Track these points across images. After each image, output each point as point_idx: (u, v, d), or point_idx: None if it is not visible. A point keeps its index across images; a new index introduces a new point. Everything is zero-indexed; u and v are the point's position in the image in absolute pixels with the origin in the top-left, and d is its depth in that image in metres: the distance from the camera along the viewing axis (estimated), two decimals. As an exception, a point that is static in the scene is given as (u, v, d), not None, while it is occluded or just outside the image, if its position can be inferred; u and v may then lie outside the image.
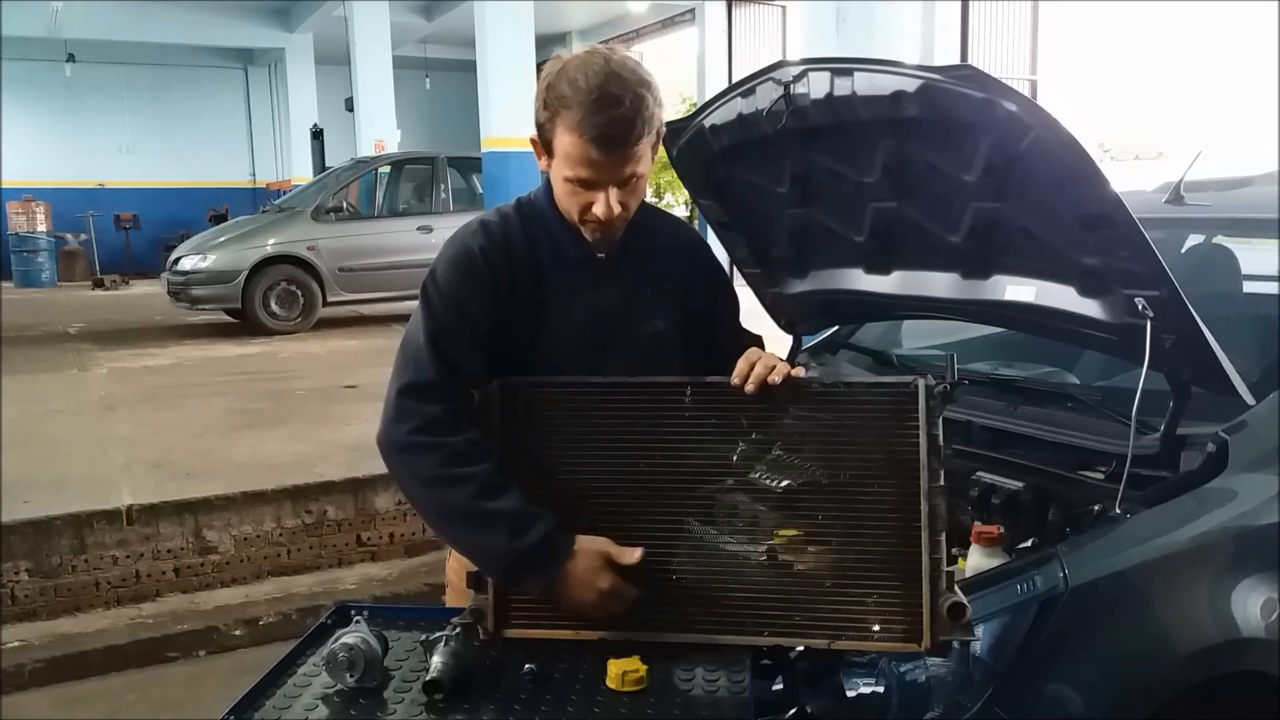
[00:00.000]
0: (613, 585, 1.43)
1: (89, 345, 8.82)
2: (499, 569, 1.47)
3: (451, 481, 1.47)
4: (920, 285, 2.04)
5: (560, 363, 1.61)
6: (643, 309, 1.68)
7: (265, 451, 4.86)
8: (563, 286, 1.63)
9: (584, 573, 1.43)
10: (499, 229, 1.62)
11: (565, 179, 1.53)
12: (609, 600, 1.44)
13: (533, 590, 1.45)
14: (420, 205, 10.41)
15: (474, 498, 1.45)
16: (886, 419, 1.45)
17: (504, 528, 1.43)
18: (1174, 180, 2.53)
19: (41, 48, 15.81)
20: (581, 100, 1.45)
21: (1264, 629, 1.67)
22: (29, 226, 15.53)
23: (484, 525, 1.45)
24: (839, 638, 1.41)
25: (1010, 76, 8.12)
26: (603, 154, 1.47)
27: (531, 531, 1.43)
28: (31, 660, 3.46)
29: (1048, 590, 1.56)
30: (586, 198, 1.53)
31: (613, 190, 1.52)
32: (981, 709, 1.52)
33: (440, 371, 1.52)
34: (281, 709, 1.30)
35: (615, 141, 1.47)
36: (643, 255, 1.69)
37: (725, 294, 1.82)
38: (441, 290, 1.58)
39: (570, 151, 1.49)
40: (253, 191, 19.29)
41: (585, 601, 1.44)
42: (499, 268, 1.59)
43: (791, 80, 1.77)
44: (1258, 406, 1.77)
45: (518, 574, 1.45)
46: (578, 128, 1.46)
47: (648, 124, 1.49)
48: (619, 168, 1.50)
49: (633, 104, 1.46)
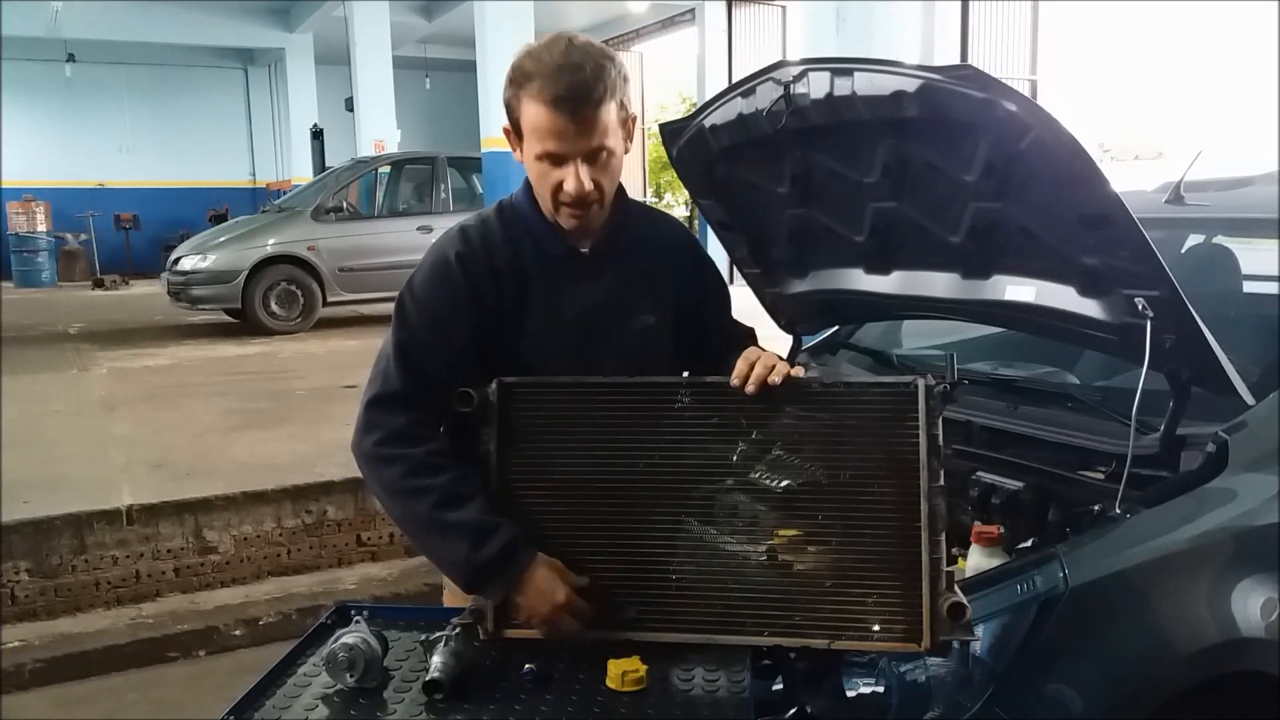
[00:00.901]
0: (569, 598, 1.44)
1: (89, 345, 8.82)
2: (461, 579, 1.49)
3: (414, 493, 1.49)
4: (920, 285, 2.04)
5: (550, 360, 1.61)
6: (630, 304, 1.68)
7: (265, 451, 4.86)
8: (548, 285, 1.63)
9: (542, 582, 1.44)
10: (477, 234, 1.64)
11: (536, 157, 1.54)
12: (564, 614, 1.44)
13: (495, 598, 1.46)
14: (420, 205, 10.42)
15: (435, 509, 1.47)
16: (886, 419, 1.45)
17: (464, 539, 1.44)
18: (1174, 180, 2.53)
19: (41, 48, 15.82)
20: (543, 70, 1.48)
21: (1264, 629, 1.67)
22: (29, 226, 15.54)
23: (445, 535, 1.47)
24: (839, 638, 1.41)
25: (1010, 76, 8.12)
26: (567, 118, 1.48)
27: (491, 542, 1.44)
28: (31, 660, 3.46)
29: (1048, 590, 1.56)
30: (557, 176, 1.54)
31: (582, 165, 1.52)
32: (981, 709, 1.52)
33: (406, 383, 1.54)
34: (281, 709, 1.30)
35: (577, 102, 1.47)
36: (628, 250, 1.69)
37: (714, 287, 1.82)
38: (417, 300, 1.60)
39: (536, 123, 1.50)
40: (253, 191, 19.30)
41: (541, 613, 1.44)
42: (478, 272, 1.60)
43: (791, 80, 1.77)
44: (1258, 406, 1.77)
45: (479, 583, 1.46)
46: (540, 95, 1.48)
47: (610, 89, 1.50)
48: (585, 137, 1.50)
49: (594, 71, 1.48)
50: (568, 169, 1.52)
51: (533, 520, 1.50)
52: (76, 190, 17.35)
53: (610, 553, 1.49)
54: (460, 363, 1.58)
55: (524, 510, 1.50)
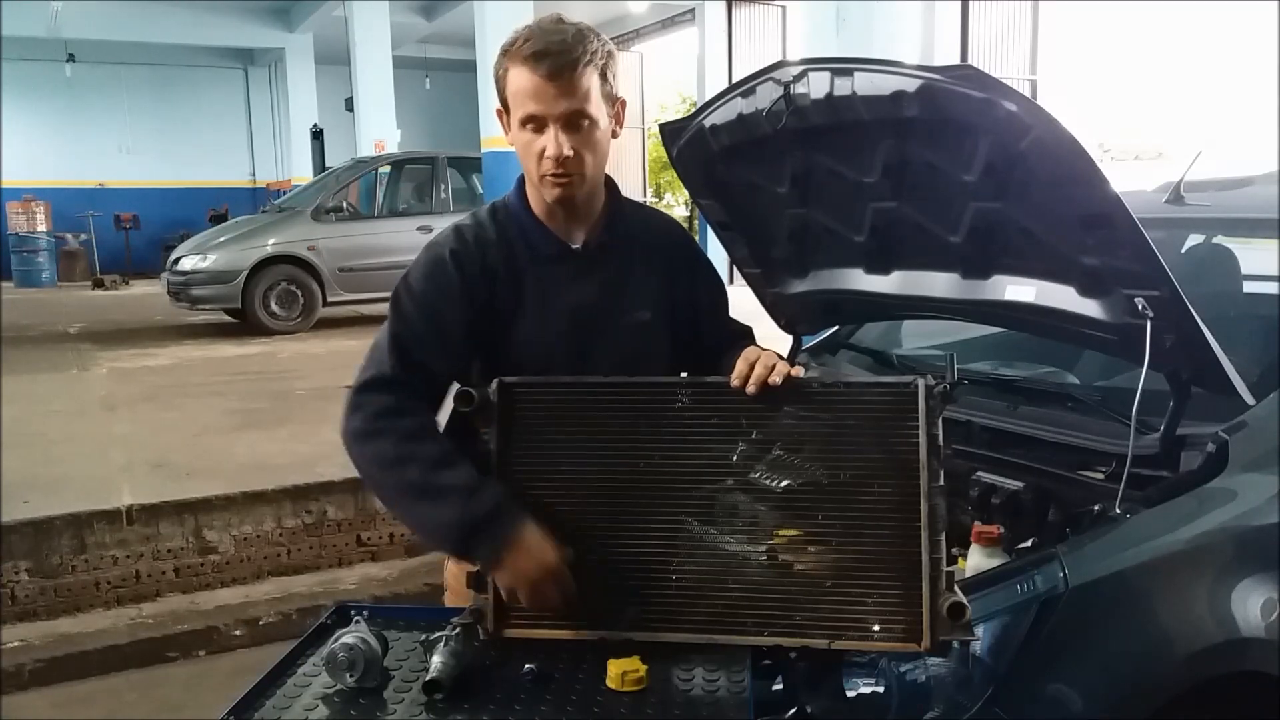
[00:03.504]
0: (557, 563, 1.43)
1: (89, 345, 8.83)
2: (452, 538, 1.47)
3: (404, 459, 1.49)
4: (920, 285, 2.04)
5: (545, 357, 1.63)
6: (624, 300, 1.69)
7: (265, 451, 4.86)
8: (541, 283, 1.65)
9: (533, 541, 1.43)
10: (472, 232, 1.66)
11: (520, 124, 1.56)
12: (550, 581, 1.43)
13: (483, 561, 1.45)
14: (420, 205, 10.42)
15: (427, 472, 1.47)
16: (886, 419, 1.45)
17: (458, 497, 1.44)
18: (1174, 180, 2.53)
19: (41, 48, 15.83)
20: (527, 34, 1.54)
21: (1264, 629, 1.67)
22: (29, 226, 15.54)
23: (439, 498, 1.46)
24: (839, 638, 1.41)
25: (1010, 76, 8.12)
26: (544, 77, 1.51)
27: (484, 498, 1.44)
28: (31, 660, 3.46)
29: (1048, 590, 1.56)
30: (539, 143, 1.55)
31: (561, 131, 1.53)
32: (981, 709, 1.52)
33: (397, 368, 1.55)
34: (281, 709, 1.30)
35: (555, 57, 1.50)
36: (620, 247, 1.70)
37: (710, 284, 1.83)
38: (413, 294, 1.61)
39: (518, 86, 1.54)
40: (253, 191, 19.31)
41: (529, 575, 1.42)
42: (471, 270, 1.62)
43: (791, 80, 1.77)
44: (1257, 406, 1.77)
45: (470, 542, 1.44)
46: (519, 54, 1.52)
47: (590, 54, 1.53)
48: (564, 97, 1.52)
49: (575, 36, 1.53)
50: (548, 134, 1.54)
51: (532, 519, 1.50)
52: (76, 190, 17.35)
53: (610, 552, 1.49)
54: (453, 356, 1.59)
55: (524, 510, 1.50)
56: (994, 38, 8.44)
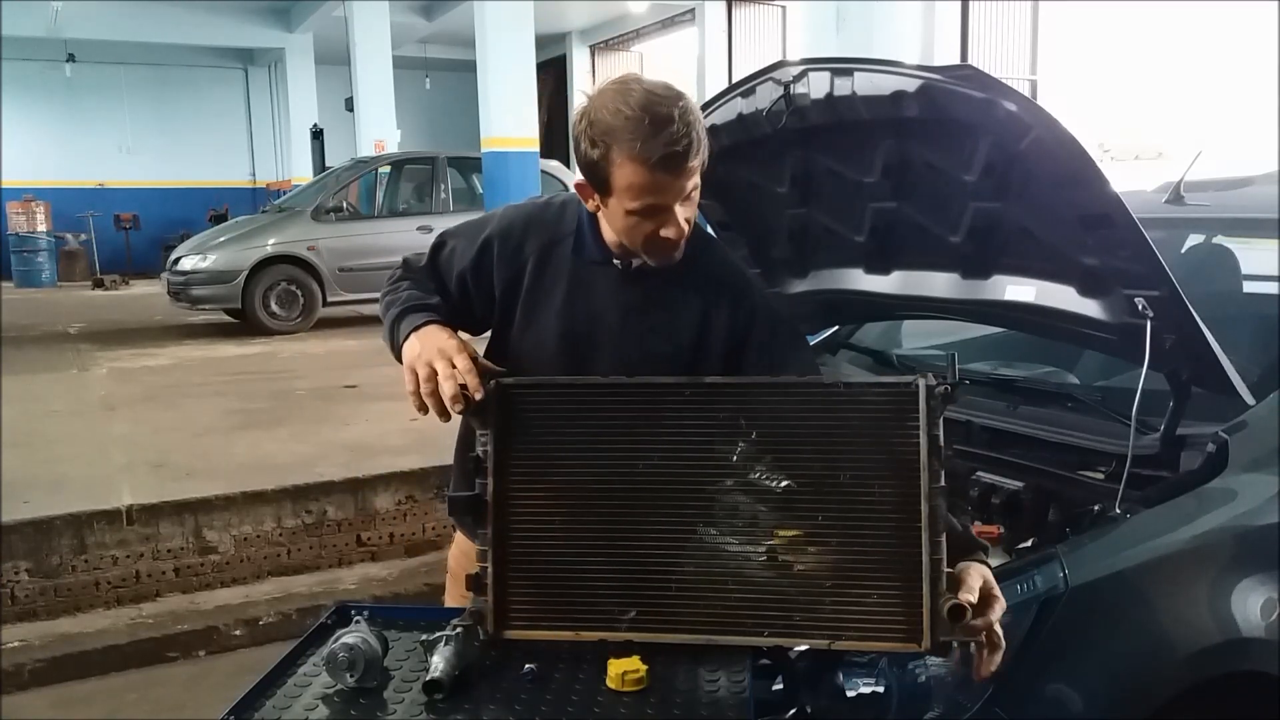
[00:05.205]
0: (461, 354, 1.49)
1: (89, 345, 8.82)
2: (390, 331, 1.61)
3: (392, 292, 1.67)
4: (920, 285, 2.04)
5: (542, 355, 1.65)
6: (647, 329, 1.65)
7: (265, 451, 4.86)
8: (568, 282, 1.65)
9: (436, 334, 1.54)
10: (525, 212, 1.72)
11: (628, 212, 1.51)
12: (447, 360, 1.48)
13: (399, 342, 1.57)
14: (420, 205, 10.42)
15: (394, 296, 1.65)
16: (887, 419, 1.45)
17: (400, 305, 1.62)
18: (1174, 180, 2.53)
19: (41, 48, 15.82)
20: (634, 127, 1.43)
21: (1264, 629, 1.67)
22: (29, 226, 15.53)
23: (392, 307, 1.63)
24: (839, 638, 1.41)
25: (1010, 76, 8.12)
26: (669, 175, 1.46)
27: (416, 306, 1.60)
28: (31, 660, 3.46)
29: (1048, 590, 1.56)
30: (653, 224, 1.52)
31: (678, 208, 1.51)
32: (981, 709, 1.52)
33: (429, 268, 1.71)
34: (281, 709, 1.30)
35: (680, 158, 1.45)
36: (668, 273, 1.64)
37: (761, 342, 1.67)
38: (466, 229, 1.73)
39: (634, 181, 1.47)
40: (253, 191, 19.30)
41: (425, 358, 1.49)
42: (510, 245, 1.67)
43: (791, 80, 1.78)
44: (1258, 406, 1.77)
45: (394, 330, 1.59)
46: (638, 155, 1.43)
47: (701, 134, 1.47)
48: (683, 180, 1.49)
49: (683, 118, 1.44)
50: (665, 216, 1.51)
51: (531, 521, 1.50)
52: (76, 190, 17.34)
53: (609, 553, 1.48)
54: (472, 295, 1.68)
55: (523, 511, 1.50)
56: (994, 38, 8.43)
